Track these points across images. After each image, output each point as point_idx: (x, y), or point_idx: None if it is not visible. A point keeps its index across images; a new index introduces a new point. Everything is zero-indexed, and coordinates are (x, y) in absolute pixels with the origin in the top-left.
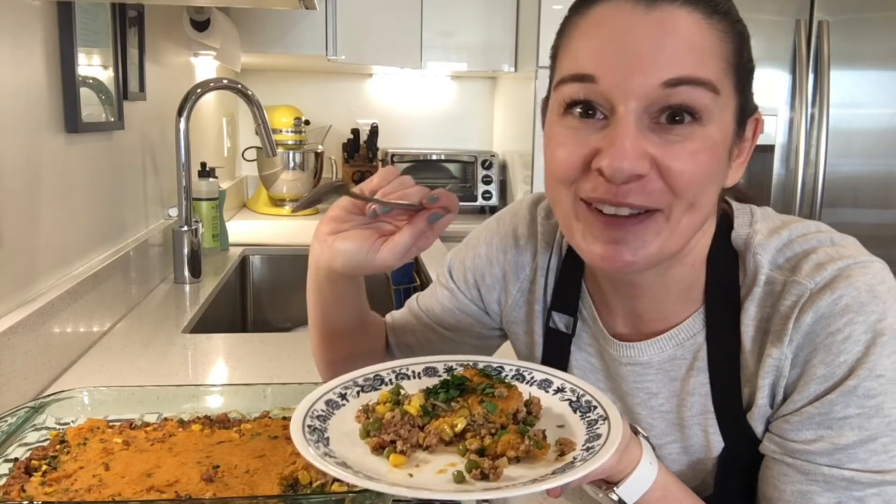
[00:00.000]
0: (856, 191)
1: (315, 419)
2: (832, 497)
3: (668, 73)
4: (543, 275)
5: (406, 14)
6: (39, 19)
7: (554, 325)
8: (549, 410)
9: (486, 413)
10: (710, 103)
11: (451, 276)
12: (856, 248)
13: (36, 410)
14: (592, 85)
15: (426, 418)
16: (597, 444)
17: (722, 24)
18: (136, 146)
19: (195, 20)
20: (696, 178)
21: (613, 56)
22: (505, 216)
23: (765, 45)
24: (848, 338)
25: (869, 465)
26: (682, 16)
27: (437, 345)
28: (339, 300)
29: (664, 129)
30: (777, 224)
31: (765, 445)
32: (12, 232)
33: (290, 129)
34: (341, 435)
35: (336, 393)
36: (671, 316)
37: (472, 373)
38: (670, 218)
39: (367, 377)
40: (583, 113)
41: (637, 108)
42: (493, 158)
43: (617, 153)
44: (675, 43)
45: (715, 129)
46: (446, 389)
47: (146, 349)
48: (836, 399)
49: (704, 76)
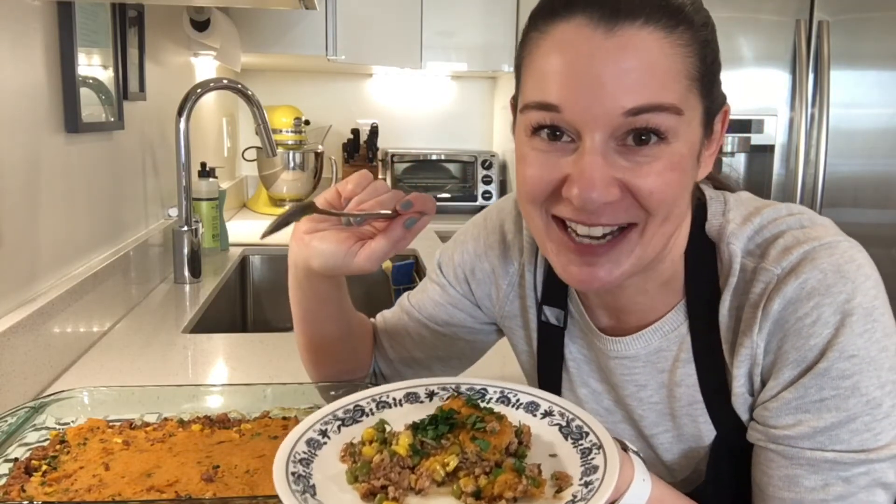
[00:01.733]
0: (856, 191)
1: (298, 464)
2: (818, 479)
3: (631, 101)
4: (532, 269)
5: (406, 14)
6: (39, 19)
7: (546, 318)
8: (539, 438)
9: (479, 451)
10: (675, 124)
11: (441, 272)
12: (825, 229)
13: (36, 410)
14: (557, 114)
15: (416, 458)
16: (595, 479)
17: (685, 36)
18: (136, 146)
19: (195, 20)
20: (666, 196)
21: (576, 86)
22: (492, 212)
23: (765, 45)
24: (816, 321)
25: (852, 446)
26: (643, 38)
27: (431, 341)
28: (320, 298)
29: (631, 150)
30: (750, 211)
31: (750, 433)
32: (12, 232)
33: (290, 129)
34: (327, 480)
35: (316, 430)
36: (654, 309)
37: (459, 403)
38: (644, 232)
39: (347, 409)
40: (550, 135)
41: (602, 136)
42: (493, 158)
43: (586, 184)
44: (637, 69)
45: (681, 145)
46: (435, 426)
47: (146, 349)
48: (809, 382)
49: (667, 101)
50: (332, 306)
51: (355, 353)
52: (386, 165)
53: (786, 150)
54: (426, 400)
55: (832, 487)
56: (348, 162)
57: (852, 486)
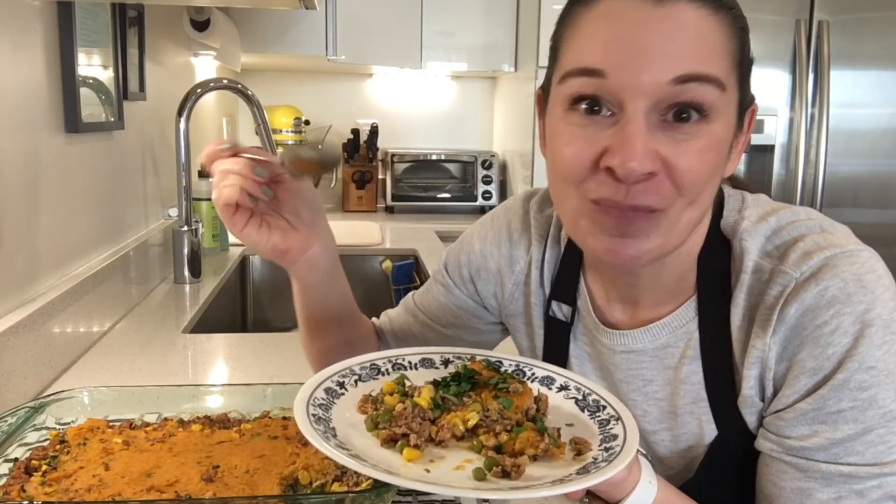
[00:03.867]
0: (856, 191)
1: (318, 408)
2: (832, 492)
3: (678, 69)
4: (539, 267)
5: (406, 14)
6: (39, 19)
7: (553, 314)
8: (556, 408)
9: (502, 408)
10: (716, 100)
11: (446, 272)
12: (845, 236)
13: (36, 410)
14: (601, 80)
15: (437, 412)
16: (615, 445)
17: (727, 19)
18: (136, 146)
19: (195, 20)
20: (701, 176)
21: (623, 51)
22: (498, 212)
23: (765, 45)
24: (835, 330)
25: (867, 458)
26: (691, 11)
27: (435, 342)
28: (306, 289)
29: (671, 127)
30: (766, 210)
31: (761, 443)
32: (12, 232)
33: (290, 129)
34: (346, 426)
35: (334, 381)
36: (666, 304)
37: (481, 366)
38: (670, 214)
39: (364, 365)
40: (588, 109)
41: (646, 105)
42: (493, 158)
43: (629, 153)
44: (685, 39)
45: (720, 126)
46: (458, 382)
47: (146, 349)
48: (827, 394)
49: (713, 73)
50: (324, 297)
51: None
52: (386, 165)
53: (786, 150)
54: (441, 367)
55: (845, 501)
56: (348, 162)
57: (865, 499)
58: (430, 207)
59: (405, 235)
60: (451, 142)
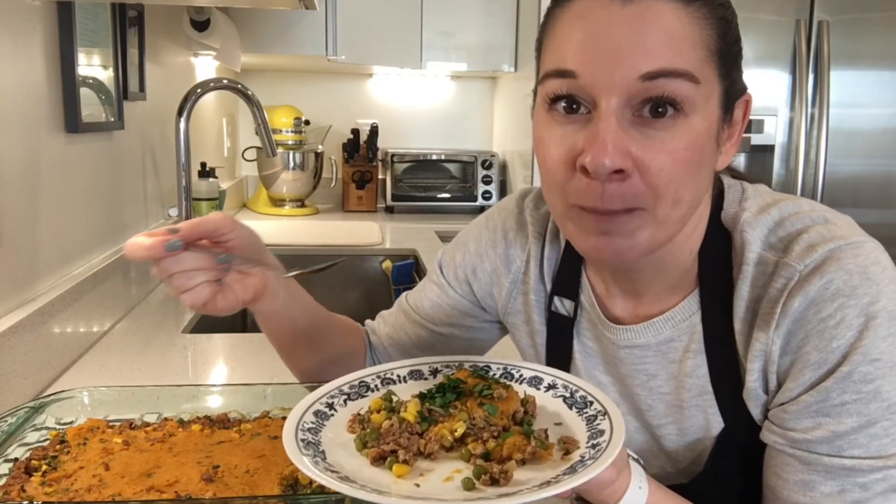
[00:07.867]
0: (856, 191)
1: (307, 432)
2: (835, 485)
3: (647, 65)
4: (537, 263)
5: (406, 14)
6: (39, 19)
7: (556, 309)
8: (544, 408)
9: (488, 416)
10: (691, 93)
11: (441, 273)
12: (849, 227)
13: (36, 410)
14: (573, 80)
15: (424, 424)
16: (602, 441)
17: (702, 10)
18: (136, 146)
19: (195, 20)
20: (674, 175)
21: (593, 51)
22: (493, 212)
23: (765, 45)
24: (840, 322)
25: (870, 451)
26: (660, 6)
27: (429, 341)
28: (270, 317)
29: (646, 122)
30: (767, 202)
31: (765, 435)
32: (12, 232)
33: (290, 129)
34: (336, 447)
35: (323, 403)
36: (668, 298)
37: (465, 374)
38: (656, 214)
39: (353, 384)
40: (567, 107)
41: (618, 102)
42: (493, 158)
43: (599, 149)
44: (653, 35)
45: (699, 120)
46: (442, 393)
47: (146, 349)
48: (831, 386)
49: (682, 67)
50: (286, 322)
51: (341, 358)
52: (386, 165)
53: (786, 150)
54: (430, 377)
55: (849, 493)
56: (348, 162)
57: (868, 492)
58: (430, 207)
59: (405, 235)
60: (450, 142)
